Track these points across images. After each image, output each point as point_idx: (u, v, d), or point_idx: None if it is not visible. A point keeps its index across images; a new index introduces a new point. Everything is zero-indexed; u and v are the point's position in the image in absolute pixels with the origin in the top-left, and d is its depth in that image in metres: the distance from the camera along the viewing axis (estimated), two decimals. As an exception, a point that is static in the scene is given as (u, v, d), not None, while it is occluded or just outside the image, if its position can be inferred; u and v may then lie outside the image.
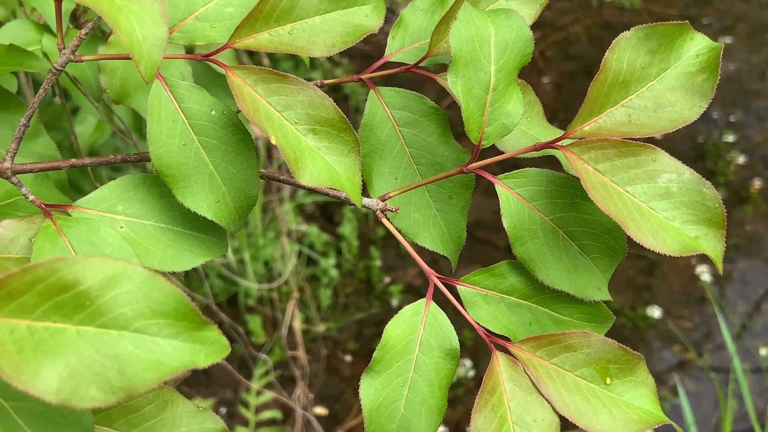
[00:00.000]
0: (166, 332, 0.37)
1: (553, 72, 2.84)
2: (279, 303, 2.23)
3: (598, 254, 0.55)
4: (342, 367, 2.18)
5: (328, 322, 2.25)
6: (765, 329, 2.17)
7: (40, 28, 0.76)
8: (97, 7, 0.43)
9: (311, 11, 0.54)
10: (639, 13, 3.06)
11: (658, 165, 0.50)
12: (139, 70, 0.43)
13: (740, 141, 2.62)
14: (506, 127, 0.54)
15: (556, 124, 1.68)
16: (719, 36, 2.94)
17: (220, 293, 2.22)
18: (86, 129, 1.08)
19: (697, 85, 0.51)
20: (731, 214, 2.43)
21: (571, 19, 3.05)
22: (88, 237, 0.50)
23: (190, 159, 0.53)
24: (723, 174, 2.52)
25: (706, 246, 0.50)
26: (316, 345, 2.20)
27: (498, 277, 0.56)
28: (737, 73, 2.81)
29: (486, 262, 2.00)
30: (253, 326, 2.17)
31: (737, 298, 2.24)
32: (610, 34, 2.98)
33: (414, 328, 0.54)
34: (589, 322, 0.57)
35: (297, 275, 2.27)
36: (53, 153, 0.67)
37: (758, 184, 2.50)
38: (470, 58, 0.52)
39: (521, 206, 0.55)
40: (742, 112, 2.70)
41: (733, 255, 2.34)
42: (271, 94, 0.52)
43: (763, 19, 3.01)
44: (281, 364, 2.12)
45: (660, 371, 2.13)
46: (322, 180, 0.52)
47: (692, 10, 3.07)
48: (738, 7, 3.07)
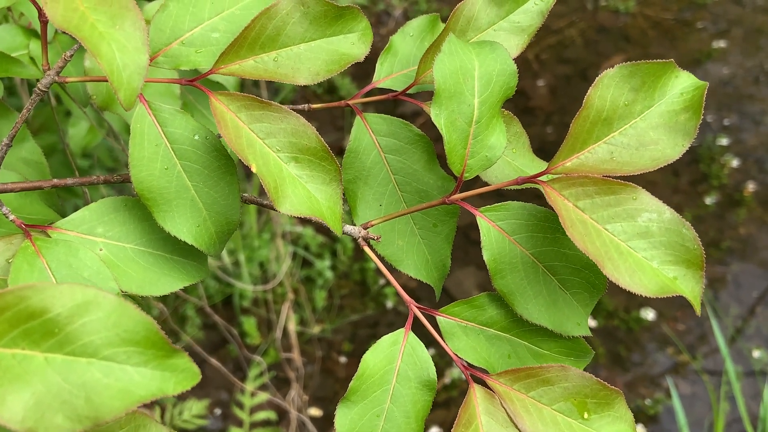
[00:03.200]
0: (135, 360, 0.37)
1: (548, 75, 2.85)
2: (274, 304, 2.23)
3: (579, 289, 0.55)
4: (337, 368, 2.18)
5: (323, 323, 2.25)
6: (758, 332, 2.18)
7: (28, 33, 0.75)
8: (78, 33, 0.43)
9: (297, 39, 0.54)
10: (634, 17, 3.08)
11: (639, 204, 0.50)
12: (118, 97, 0.43)
13: (734, 144, 2.62)
14: (489, 160, 0.54)
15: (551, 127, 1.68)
16: (714, 40, 2.96)
17: (215, 295, 2.22)
18: (79, 131, 1.08)
19: (680, 123, 0.51)
20: (725, 217, 2.44)
21: (566, 23, 3.06)
22: (67, 259, 0.50)
23: (171, 183, 0.53)
24: (717, 177, 2.52)
25: (684, 287, 0.50)
26: (311, 346, 2.20)
27: (478, 308, 0.56)
28: (731, 77, 2.83)
29: (480, 264, 1.99)
30: (248, 328, 2.17)
31: (731, 301, 2.25)
32: (605, 37, 3.00)
33: (392, 358, 0.54)
34: (568, 356, 0.56)
35: (292, 277, 2.27)
36: (39, 158, 0.67)
37: (752, 188, 2.51)
38: (454, 91, 0.53)
39: (502, 239, 0.55)
40: (736, 116, 2.71)
41: (726, 258, 2.34)
42: (254, 121, 0.52)
43: (757, 24, 3.02)
44: (276, 366, 2.12)
45: (654, 374, 2.13)
46: (302, 209, 0.52)
47: (687, 14, 3.08)
48: (733, 11, 3.09)
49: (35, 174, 0.68)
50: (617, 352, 2.17)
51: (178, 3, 0.53)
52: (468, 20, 0.61)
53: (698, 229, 2.41)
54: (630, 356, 2.17)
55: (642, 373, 2.14)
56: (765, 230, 2.40)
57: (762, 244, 2.37)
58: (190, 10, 0.53)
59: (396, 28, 3.30)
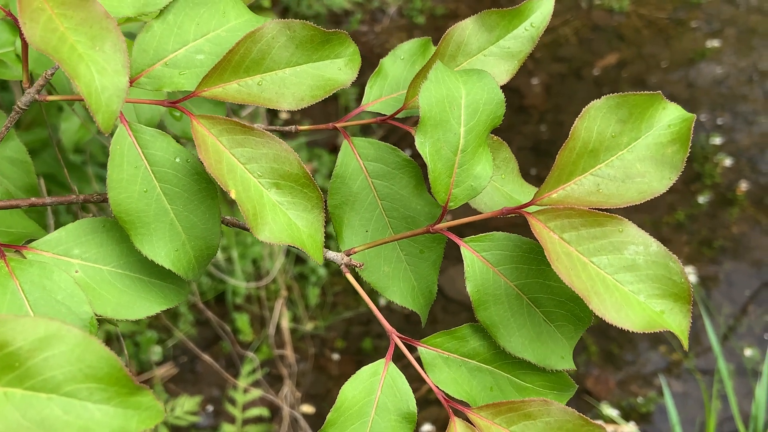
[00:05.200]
0: (96, 397, 0.36)
1: (542, 73, 2.84)
2: (267, 301, 2.23)
3: (564, 322, 0.54)
4: (330, 365, 2.17)
5: (316, 320, 2.24)
6: (750, 330, 2.17)
7: (15, 29, 0.73)
8: (56, 55, 0.42)
9: (282, 63, 0.53)
10: (628, 16, 3.08)
11: (625, 236, 0.49)
12: (95, 120, 0.43)
13: (727, 144, 2.62)
14: (474, 190, 0.53)
15: (545, 125, 1.65)
16: (708, 39, 2.95)
17: (208, 291, 2.22)
18: (71, 126, 1.07)
19: (667, 156, 0.50)
20: (718, 216, 2.43)
21: (561, 21, 3.06)
22: (41, 281, 0.49)
23: (150, 206, 0.52)
24: (710, 176, 2.52)
25: (671, 321, 0.49)
26: (304, 343, 2.19)
27: (460, 339, 0.55)
28: (725, 76, 2.82)
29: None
30: (241, 324, 2.17)
31: (723, 300, 2.24)
32: (600, 36, 3.00)
33: (371, 389, 0.53)
34: (552, 390, 0.55)
35: (285, 274, 2.27)
36: (24, 157, 0.66)
37: (745, 187, 2.50)
38: (440, 119, 0.52)
39: (486, 270, 0.54)
40: (729, 115, 2.71)
41: (719, 257, 2.34)
42: (236, 146, 0.51)
43: (751, 23, 3.02)
44: (269, 363, 2.12)
45: (646, 372, 2.12)
46: (282, 237, 0.51)
47: (681, 13, 3.08)
48: (726, 10, 3.09)
49: (20, 173, 0.67)
50: (610, 350, 2.16)
51: (162, 23, 0.52)
52: (458, 45, 0.60)
53: (691, 228, 2.38)
54: (622, 354, 2.16)
55: (634, 371, 2.13)
56: (757, 229, 2.39)
57: (754, 243, 2.36)
58: (175, 31, 0.53)
59: (391, 25, 3.27)
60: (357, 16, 3.02)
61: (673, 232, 2.37)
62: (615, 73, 2.84)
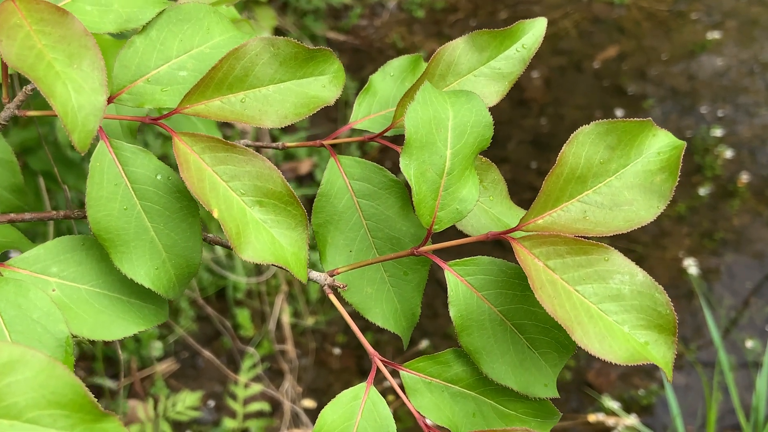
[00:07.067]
0: (60, 424, 0.35)
1: (542, 66, 2.84)
2: (267, 296, 2.22)
3: (548, 349, 0.53)
4: (331, 360, 2.16)
5: (317, 315, 2.23)
6: (752, 322, 2.17)
7: None
8: (32, 73, 0.41)
9: (266, 80, 0.52)
10: (628, 9, 3.08)
11: (611, 265, 0.49)
12: (71, 139, 0.42)
13: (728, 135, 2.62)
14: (460, 213, 0.52)
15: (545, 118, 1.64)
16: (708, 31, 2.95)
17: (209, 287, 2.21)
18: None
19: (656, 184, 0.49)
20: (719, 208, 2.42)
21: (561, 14, 3.06)
22: (16, 299, 0.48)
23: (130, 224, 0.51)
24: (711, 168, 2.52)
25: (655, 353, 0.48)
26: (305, 338, 2.18)
27: (443, 364, 0.54)
28: (726, 68, 2.82)
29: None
30: (242, 320, 2.16)
31: (724, 292, 2.23)
32: (600, 28, 2.99)
33: (351, 414, 0.52)
34: (535, 417, 0.54)
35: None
36: (9, 156, 0.65)
37: (745, 178, 2.50)
38: (426, 141, 0.51)
39: (470, 295, 0.53)
40: (730, 107, 2.70)
41: (720, 249, 2.33)
42: (218, 163, 0.50)
43: (752, 15, 3.02)
44: (270, 358, 2.11)
45: (647, 365, 2.11)
46: (266, 256, 0.50)
47: (681, 5, 3.07)
48: (727, 2, 3.09)
49: (6, 174, 0.66)
50: (611, 342, 2.16)
51: (145, 39, 0.52)
52: (448, 65, 0.60)
53: (692, 220, 2.37)
54: (624, 346, 2.16)
55: (635, 364, 2.12)
56: (759, 221, 2.39)
57: (755, 235, 2.36)
58: (158, 48, 0.52)
59: (391, 20, 3.25)
60: (356, 11, 3.01)
61: (674, 224, 2.37)
62: (615, 66, 2.83)
